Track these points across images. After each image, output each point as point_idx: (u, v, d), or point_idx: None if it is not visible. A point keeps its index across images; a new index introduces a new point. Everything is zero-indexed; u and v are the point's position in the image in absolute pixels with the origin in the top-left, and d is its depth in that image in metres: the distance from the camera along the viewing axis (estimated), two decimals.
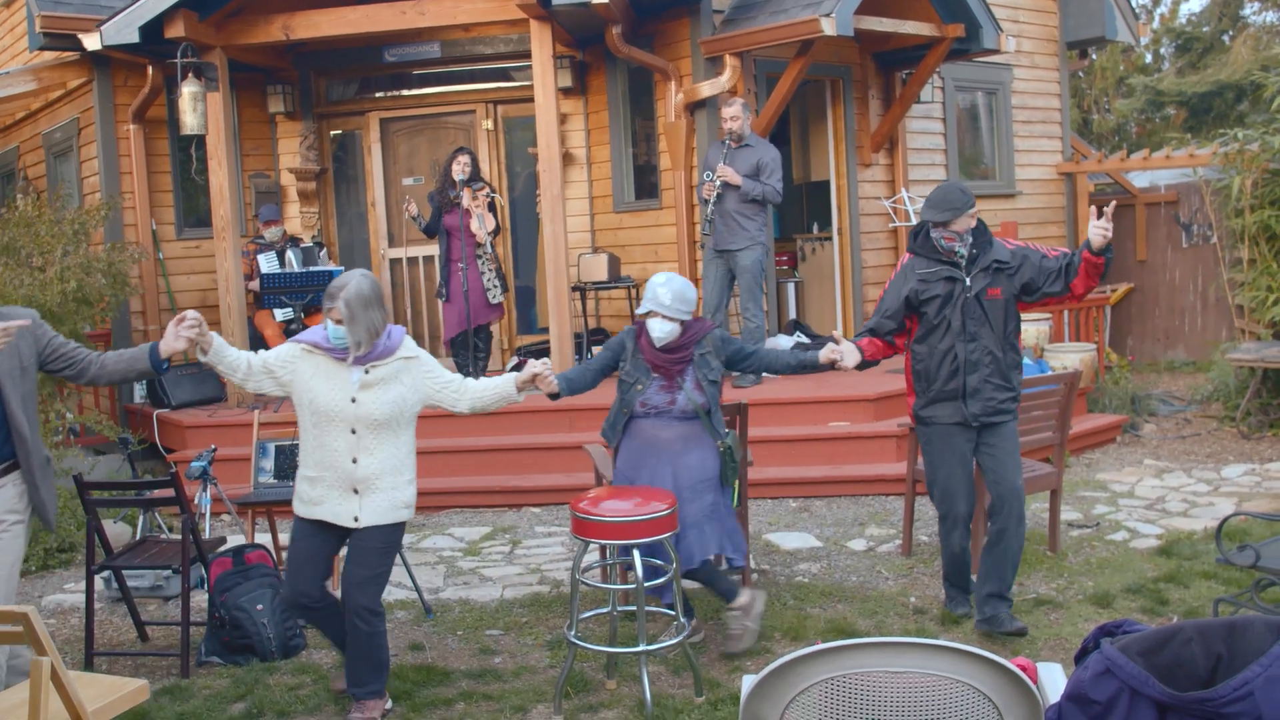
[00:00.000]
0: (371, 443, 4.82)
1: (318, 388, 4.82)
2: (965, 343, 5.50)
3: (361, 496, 4.83)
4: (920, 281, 5.56)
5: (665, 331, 5.39)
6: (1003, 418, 5.59)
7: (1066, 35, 13.45)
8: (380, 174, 11.59)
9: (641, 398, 5.48)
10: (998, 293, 5.52)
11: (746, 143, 9.13)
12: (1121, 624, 2.82)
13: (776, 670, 2.73)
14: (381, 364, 4.84)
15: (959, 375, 5.52)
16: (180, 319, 4.64)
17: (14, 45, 12.87)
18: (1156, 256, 14.06)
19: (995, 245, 5.57)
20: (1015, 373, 5.63)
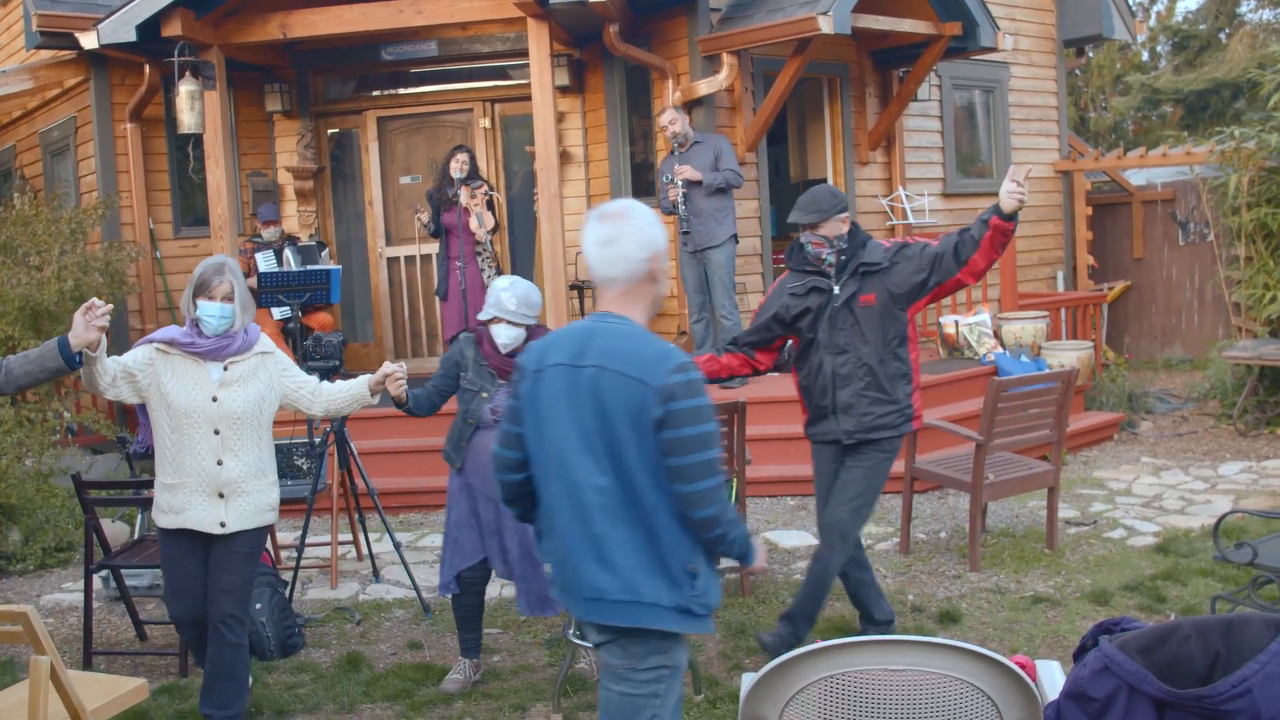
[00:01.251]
0: (235, 443, 4.66)
1: (175, 388, 4.63)
2: (834, 356, 5.21)
3: (227, 501, 4.66)
4: (790, 296, 5.28)
5: (511, 337, 5.14)
6: (880, 433, 5.22)
7: (1064, 33, 13.46)
8: (378, 172, 11.58)
9: (491, 404, 5.15)
10: (871, 299, 5.17)
11: (695, 141, 9.16)
12: (1120, 621, 2.82)
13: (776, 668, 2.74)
14: (241, 359, 4.72)
15: (830, 391, 5.24)
16: (89, 307, 4.38)
17: (10, 44, 12.86)
18: (1153, 254, 14.07)
19: (868, 248, 5.24)
20: (899, 384, 5.24)
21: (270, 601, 5.80)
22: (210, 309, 4.61)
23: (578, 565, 3.21)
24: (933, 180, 12.07)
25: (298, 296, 9.72)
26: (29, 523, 7.62)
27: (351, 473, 6.83)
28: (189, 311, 4.66)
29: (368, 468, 7.17)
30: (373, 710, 5.12)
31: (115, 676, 4.34)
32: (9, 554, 7.44)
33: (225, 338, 4.67)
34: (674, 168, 9.09)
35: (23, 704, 3.75)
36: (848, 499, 5.25)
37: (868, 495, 5.28)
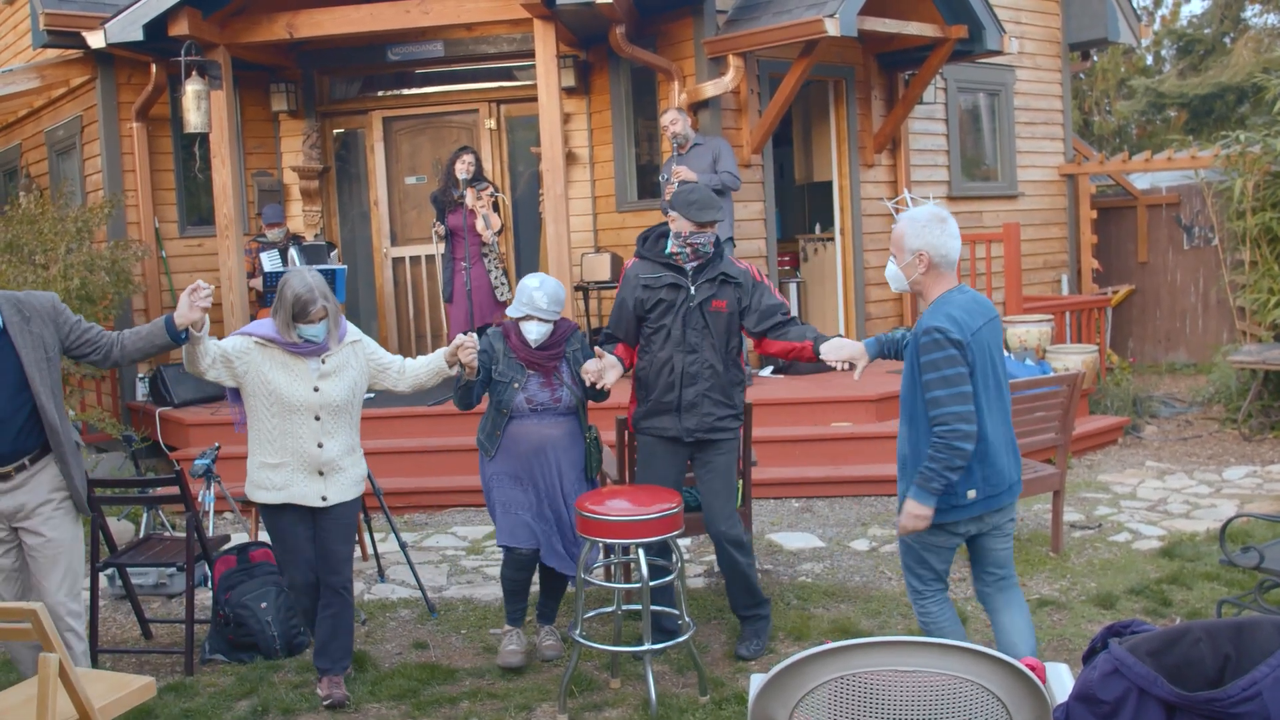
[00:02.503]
0: (333, 427, 5.06)
1: (278, 379, 4.99)
2: (685, 354, 5.34)
3: (326, 478, 5.06)
4: (644, 289, 5.40)
5: (541, 333, 5.36)
6: (720, 435, 5.43)
7: (1069, 37, 13.46)
8: (383, 173, 11.59)
9: (525, 394, 5.38)
10: (723, 305, 5.36)
11: (695, 142, 9.19)
12: (1129, 624, 2.82)
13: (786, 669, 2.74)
14: (335, 352, 5.08)
15: (676, 388, 5.36)
16: (195, 288, 4.74)
17: (17, 43, 12.87)
18: (1158, 258, 14.07)
19: (725, 260, 5.43)
20: (738, 391, 5.48)
21: (275, 600, 5.81)
22: (310, 331, 4.96)
23: (1004, 464, 4.42)
24: (938, 183, 12.07)
25: None
26: None
27: None
28: (287, 333, 4.97)
29: (373, 467, 7.15)
30: (378, 709, 5.12)
31: (122, 674, 4.35)
32: None
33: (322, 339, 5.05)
34: (673, 168, 9.10)
35: (31, 701, 3.75)
36: (721, 511, 5.46)
37: (734, 498, 5.59)
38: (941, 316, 4.32)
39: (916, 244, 4.41)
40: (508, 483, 5.44)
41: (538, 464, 5.40)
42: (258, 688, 5.36)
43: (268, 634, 5.72)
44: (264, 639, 5.72)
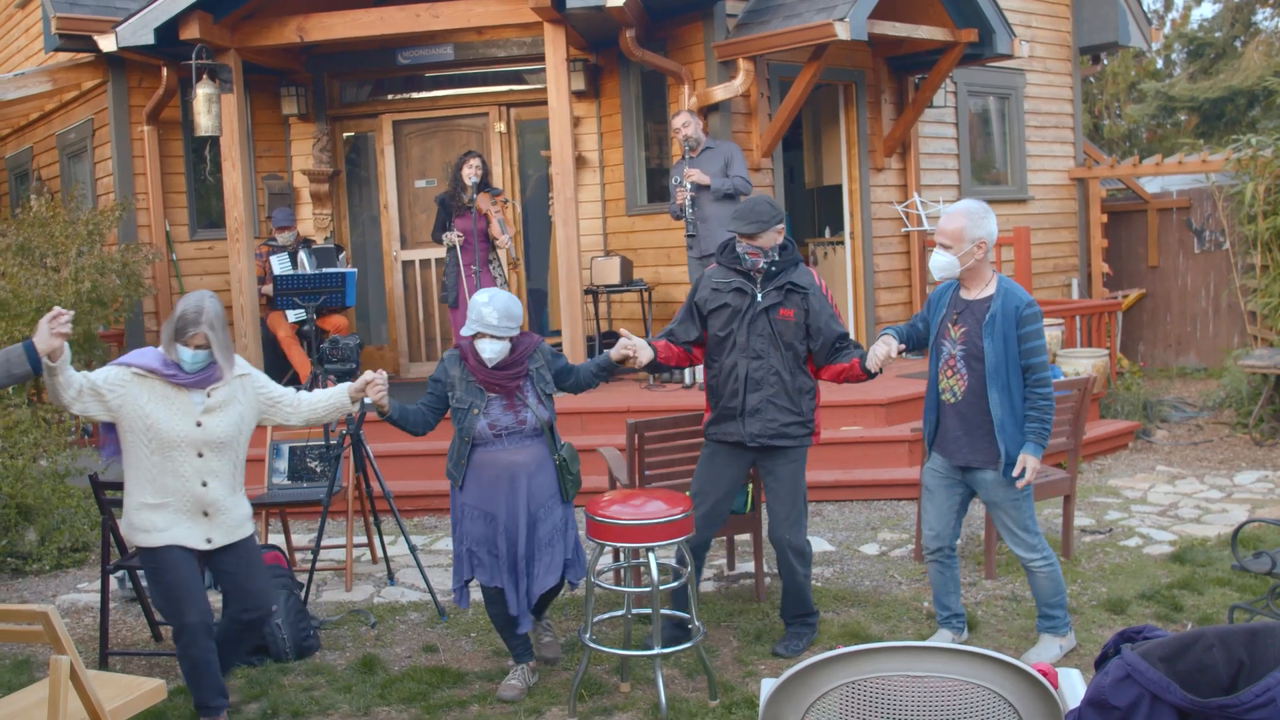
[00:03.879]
0: (217, 464, 4.77)
1: (157, 413, 4.68)
2: (750, 360, 5.34)
3: (211, 519, 4.78)
4: (712, 290, 5.44)
5: (496, 351, 5.11)
6: (785, 442, 5.40)
7: (1079, 40, 13.45)
8: (393, 176, 11.61)
9: (487, 420, 5.13)
10: (790, 314, 5.35)
11: (706, 146, 9.21)
12: (1142, 630, 2.81)
13: (797, 674, 2.73)
14: (221, 385, 4.80)
15: (741, 393, 5.36)
16: (55, 315, 4.39)
17: (29, 46, 12.92)
18: (1168, 262, 14.04)
19: (800, 270, 5.43)
20: (806, 399, 5.44)
21: (286, 604, 5.81)
22: (185, 354, 4.69)
23: None
24: (948, 187, 12.06)
25: (313, 299, 9.75)
26: (45, 523, 7.65)
27: (367, 475, 6.84)
28: (168, 350, 4.72)
29: (383, 471, 7.18)
30: (388, 713, 5.12)
31: (133, 677, 4.35)
32: (25, 554, 7.46)
33: (205, 369, 4.75)
34: (683, 171, 9.12)
35: (42, 703, 3.76)
36: (785, 518, 5.51)
37: (800, 504, 5.56)
38: (1025, 293, 5.13)
39: (978, 234, 5.06)
40: (478, 518, 5.20)
41: (507, 493, 5.15)
42: (267, 690, 5.36)
43: (278, 637, 5.72)
44: (274, 642, 5.72)
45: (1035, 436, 5.08)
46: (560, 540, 5.23)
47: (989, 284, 5.18)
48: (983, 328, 5.08)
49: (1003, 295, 5.10)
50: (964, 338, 5.16)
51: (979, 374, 5.12)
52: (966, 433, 5.20)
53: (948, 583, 5.51)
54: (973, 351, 5.12)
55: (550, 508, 5.23)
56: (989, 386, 5.08)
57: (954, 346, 5.21)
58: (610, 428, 8.64)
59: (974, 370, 5.13)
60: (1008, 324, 5.06)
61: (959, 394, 5.20)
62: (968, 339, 5.15)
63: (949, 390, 5.24)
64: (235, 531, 4.85)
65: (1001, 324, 5.05)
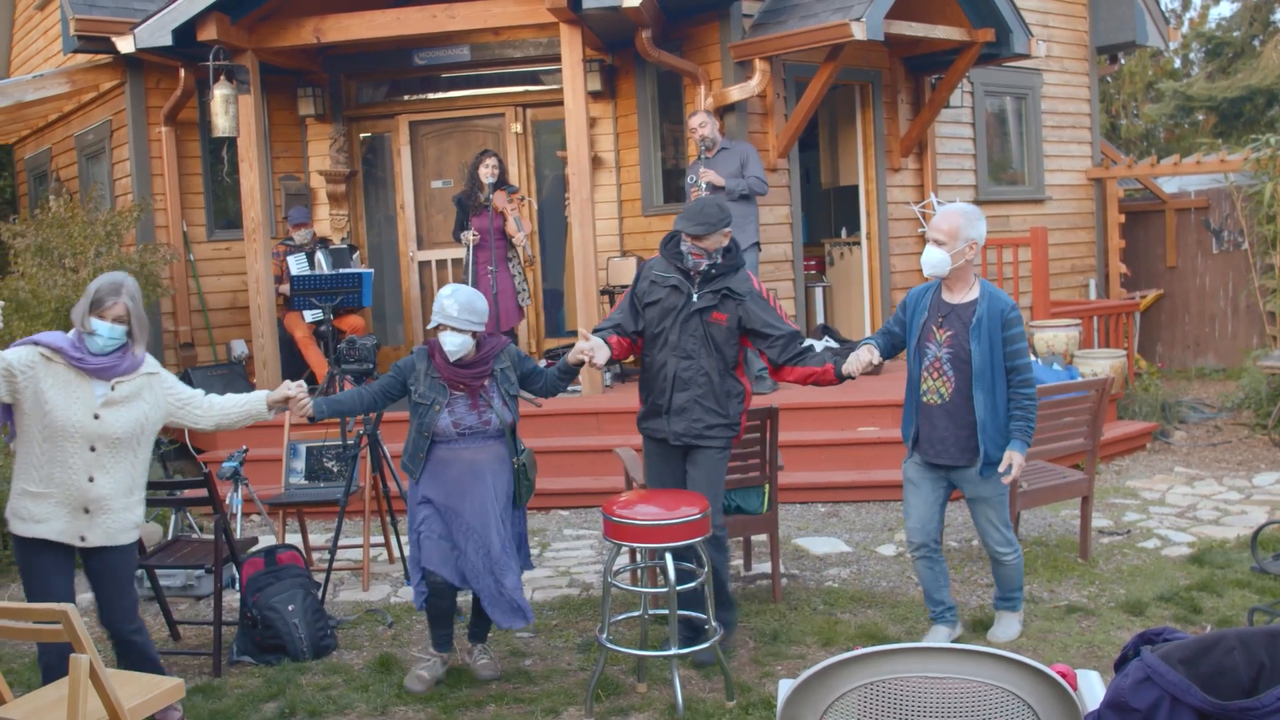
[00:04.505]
0: (110, 461, 4.55)
1: (54, 399, 4.47)
2: (680, 359, 5.31)
3: (92, 516, 4.55)
4: (651, 283, 5.41)
5: (457, 344, 5.12)
6: (707, 443, 5.35)
7: (1096, 40, 13.40)
8: (409, 176, 11.63)
9: (451, 418, 5.14)
10: (722, 319, 5.30)
11: (722, 146, 9.21)
12: (1162, 631, 2.80)
13: (815, 675, 2.73)
14: (128, 379, 4.61)
15: (668, 392, 5.34)
16: None
17: (48, 48, 12.98)
18: (1186, 263, 13.98)
19: (739, 276, 5.37)
20: (734, 402, 5.39)
21: (303, 603, 5.83)
22: (102, 327, 4.50)
23: None
24: (965, 187, 12.03)
25: (330, 299, 9.77)
26: None
27: (384, 475, 6.86)
28: (82, 324, 4.53)
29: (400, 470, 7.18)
30: (405, 712, 5.13)
31: (152, 675, 4.36)
32: None
33: (115, 356, 4.57)
34: (699, 171, 9.11)
35: (62, 701, 3.78)
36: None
37: (717, 496, 5.45)
38: (1007, 297, 5.30)
39: (971, 233, 5.19)
40: (432, 514, 5.20)
41: (472, 491, 5.15)
42: (285, 689, 5.37)
43: (295, 636, 5.74)
44: (291, 641, 5.74)
45: (1021, 434, 5.25)
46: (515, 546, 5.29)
47: (972, 287, 5.31)
48: (970, 331, 5.21)
49: (988, 299, 5.25)
50: (950, 340, 5.27)
51: (966, 376, 5.24)
52: (953, 434, 5.31)
53: (937, 577, 5.58)
54: (959, 354, 5.24)
55: (508, 516, 5.25)
56: (974, 388, 5.22)
57: (939, 349, 5.30)
58: (626, 428, 8.64)
59: (961, 372, 5.26)
60: (994, 327, 5.20)
61: (945, 396, 5.30)
62: (954, 342, 5.26)
63: (934, 392, 5.33)
64: (116, 536, 4.61)
65: (988, 327, 5.19)
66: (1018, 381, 5.24)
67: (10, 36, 14.93)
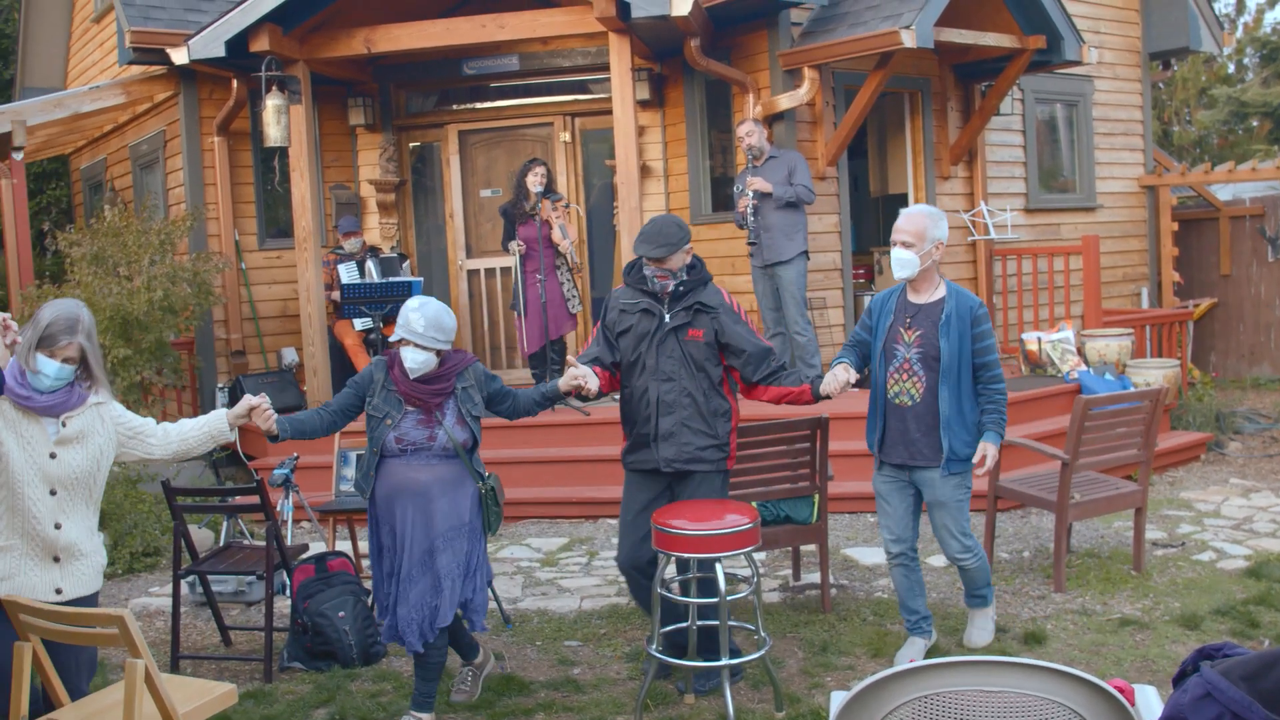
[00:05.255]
0: (71, 504, 4.14)
1: (8, 442, 4.03)
2: (660, 382, 5.14)
3: (63, 565, 4.13)
4: (620, 312, 5.26)
5: (419, 361, 4.87)
6: (700, 466, 5.18)
7: (1149, 46, 13.26)
8: (458, 185, 11.68)
9: (396, 433, 4.90)
10: (699, 334, 5.16)
11: (770, 155, 9.19)
12: (1222, 647, 2.76)
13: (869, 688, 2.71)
14: (77, 413, 4.15)
15: (653, 418, 5.16)
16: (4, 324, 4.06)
17: (103, 60, 13.16)
18: (1241, 271, 13.80)
19: (709, 289, 5.23)
20: (721, 421, 5.22)
21: (353, 610, 5.86)
22: (49, 366, 4.04)
23: None
24: (1015, 195, 11.94)
25: (379, 308, 9.83)
26: (118, 527, 7.78)
27: None
28: (26, 360, 4.04)
29: None
30: (454, 719, 5.15)
31: (205, 681, 4.40)
32: None
33: (63, 392, 4.11)
34: (746, 179, 9.11)
35: (118, 705, 3.82)
36: None
37: None
38: (974, 295, 5.37)
39: (937, 234, 5.26)
40: (381, 533, 5.00)
41: (409, 511, 4.88)
42: (335, 696, 5.41)
43: (345, 643, 5.78)
44: (341, 648, 5.77)
45: (995, 426, 5.31)
46: (460, 576, 4.92)
47: (939, 287, 5.36)
48: (939, 328, 5.25)
49: (955, 297, 5.31)
50: (920, 340, 5.29)
51: (937, 374, 5.27)
52: (923, 434, 5.32)
53: (913, 586, 5.59)
54: (930, 353, 5.27)
55: (450, 539, 4.90)
56: (941, 384, 5.26)
57: (909, 350, 5.32)
58: None
59: (932, 370, 5.28)
60: (963, 325, 5.25)
61: (917, 396, 5.31)
62: (924, 341, 5.28)
63: (904, 393, 5.33)
64: (89, 581, 4.23)
65: (957, 325, 5.25)
66: (988, 378, 5.31)
67: (67, 49, 15.16)
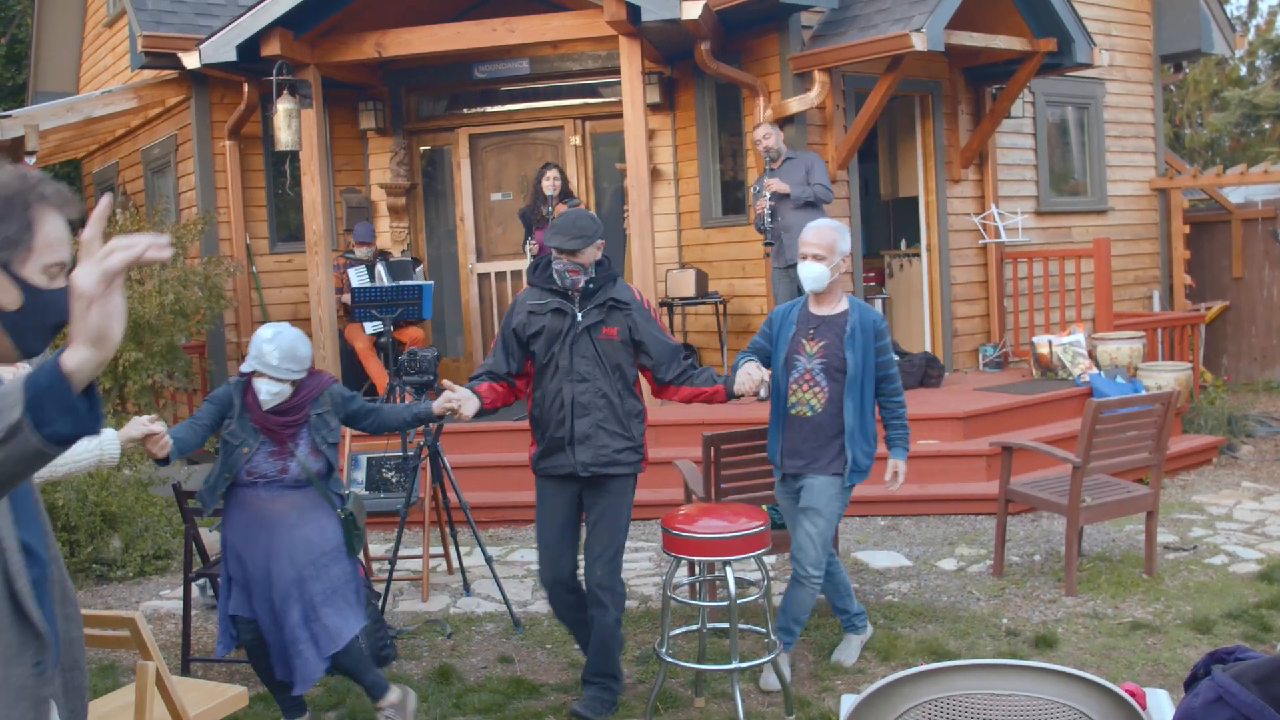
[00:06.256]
0: None
1: None
2: (575, 383, 4.97)
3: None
4: (529, 314, 5.05)
5: (273, 393, 4.74)
6: (618, 469, 5.02)
7: (1160, 48, 13.23)
8: (469, 189, 11.70)
9: (248, 465, 4.78)
10: (613, 332, 5.00)
11: (787, 156, 9.20)
12: (1234, 650, 2.74)
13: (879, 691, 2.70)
14: None
15: (568, 421, 4.97)
16: None
17: (115, 64, 13.20)
18: (1253, 274, 13.75)
19: (619, 285, 5.08)
20: (636, 422, 5.09)
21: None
22: None
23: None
24: (1026, 198, 11.92)
25: (390, 311, 9.84)
26: (129, 530, 7.79)
27: (444, 486, 6.89)
28: None
29: (460, 482, 7.22)
30: None
31: (215, 683, 4.41)
32: (110, 560, 7.61)
33: None
34: (764, 181, 9.12)
35: (129, 708, 3.83)
36: (600, 555, 5.04)
37: (618, 540, 5.10)
38: (874, 309, 5.49)
39: (843, 247, 5.37)
40: (234, 558, 4.85)
41: (266, 546, 4.75)
42: (344, 698, 5.41)
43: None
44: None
45: (901, 441, 5.51)
46: (343, 600, 4.84)
47: (840, 300, 5.43)
48: (844, 341, 5.30)
49: (858, 310, 5.40)
50: (823, 351, 5.33)
51: (839, 385, 5.31)
52: (822, 444, 5.33)
53: (837, 587, 5.66)
54: (834, 364, 5.31)
55: (322, 566, 4.79)
56: (846, 396, 5.31)
57: (810, 361, 5.34)
58: (686, 440, 8.63)
59: (835, 381, 5.32)
60: (866, 338, 5.33)
61: (817, 407, 5.33)
62: (828, 352, 5.32)
63: (803, 404, 5.34)
64: None
65: (861, 338, 5.31)
66: (890, 390, 5.43)
67: (80, 54, 15.21)
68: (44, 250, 2.06)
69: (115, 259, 1.84)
